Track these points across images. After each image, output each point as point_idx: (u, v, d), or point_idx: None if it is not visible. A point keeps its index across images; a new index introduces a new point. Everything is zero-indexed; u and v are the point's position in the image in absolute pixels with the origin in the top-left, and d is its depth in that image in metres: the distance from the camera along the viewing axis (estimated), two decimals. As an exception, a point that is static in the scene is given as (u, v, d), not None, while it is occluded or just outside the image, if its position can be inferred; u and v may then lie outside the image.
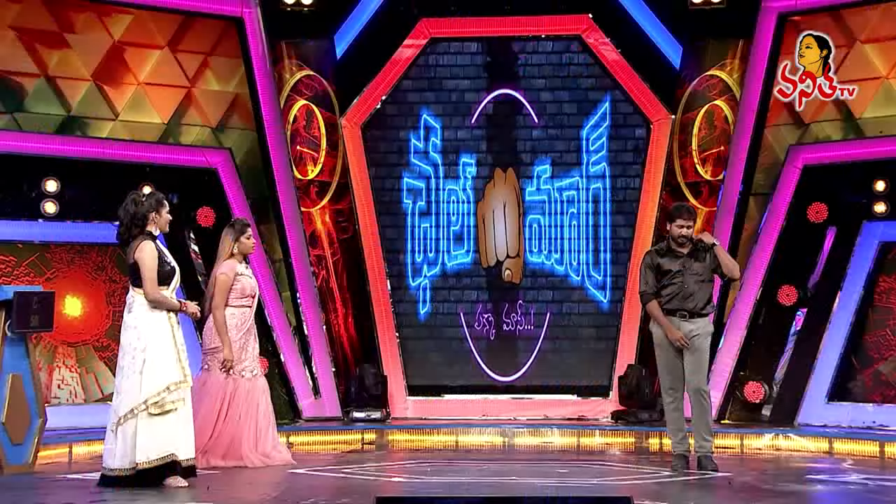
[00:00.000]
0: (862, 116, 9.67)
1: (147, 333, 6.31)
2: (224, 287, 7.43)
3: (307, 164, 10.59)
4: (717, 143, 10.36)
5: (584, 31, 10.46)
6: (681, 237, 7.27)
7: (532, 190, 10.60)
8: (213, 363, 7.47)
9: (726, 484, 6.73)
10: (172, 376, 6.32)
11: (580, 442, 9.38)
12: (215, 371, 7.45)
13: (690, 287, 7.25)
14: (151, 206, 6.45)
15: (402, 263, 10.62)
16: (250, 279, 7.58)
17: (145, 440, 6.22)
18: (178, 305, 6.42)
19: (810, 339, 9.67)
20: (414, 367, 10.52)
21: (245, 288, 7.51)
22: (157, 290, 6.34)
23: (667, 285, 7.29)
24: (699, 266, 7.28)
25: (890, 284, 9.55)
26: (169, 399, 6.28)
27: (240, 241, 7.54)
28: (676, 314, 7.26)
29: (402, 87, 10.62)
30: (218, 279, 7.47)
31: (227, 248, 7.54)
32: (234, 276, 7.46)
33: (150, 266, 6.31)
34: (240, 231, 7.56)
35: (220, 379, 7.42)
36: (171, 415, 6.30)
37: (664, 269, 7.30)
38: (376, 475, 7.13)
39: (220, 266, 7.54)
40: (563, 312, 10.52)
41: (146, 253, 6.34)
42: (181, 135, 10.07)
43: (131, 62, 9.80)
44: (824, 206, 9.74)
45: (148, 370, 6.27)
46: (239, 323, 7.50)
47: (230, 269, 7.47)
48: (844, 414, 9.34)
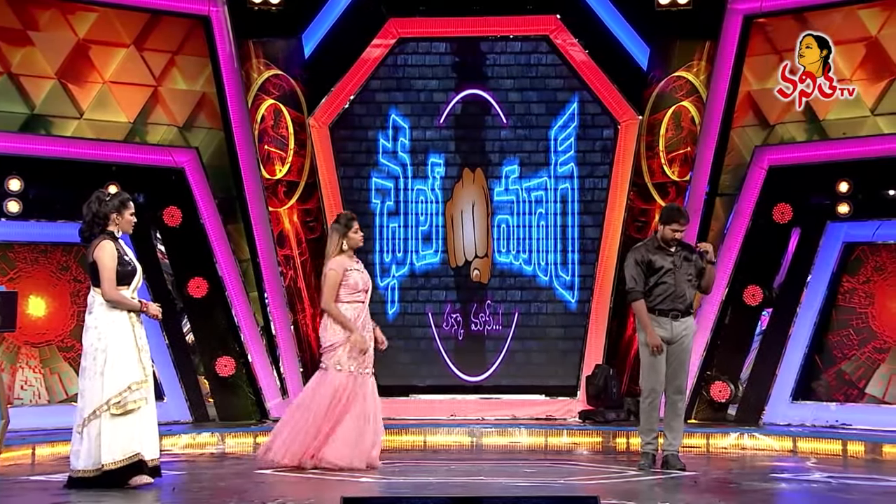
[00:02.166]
0: (826, 118, 9.77)
1: (107, 334, 6.26)
2: (333, 283, 7.25)
3: (275, 163, 10.54)
4: (683, 144, 10.43)
5: (553, 31, 10.49)
6: (673, 241, 7.21)
7: (500, 190, 10.62)
8: (330, 361, 7.28)
9: (692, 483, 6.77)
10: (133, 376, 6.26)
11: (548, 442, 9.41)
12: (332, 370, 7.27)
13: (682, 286, 7.20)
14: (114, 207, 6.39)
15: (370, 263, 10.59)
16: (361, 273, 7.40)
17: (110, 441, 6.17)
18: (137, 305, 6.36)
19: (775, 338, 9.76)
20: (382, 367, 10.40)
21: (357, 283, 7.34)
22: (116, 290, 6.29)
23: (658, 284, 7.19)
24: (688, 265, 7.24)
25: (853, 284, 9.66)
26: (130, 399, 6.23)
27: (347, 235, 7.36)
28: (669, 314, 7.18)
29: (370, 86, 10.61)
30: (327, 276, 7.29)
31: (335, 244, 7.36)
32: (344, 272, 7.30)
33: (108, 266, 6.26)
34: (346, 225, 7.37)
35: (340, 377, 7.23)
36: (134, 415, 6.24)
37: (656, 265, 7.18)
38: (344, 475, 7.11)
39: (328, 263, 7.35)
40: (531, 312, 10.55)
41: (105, 252, 6.29)
42: (147, 134, 10.00)
43: (96, 60, 9.72)
44: (789, 206, 9.84)
45: (109, 370, 6.22)
46: (353, 319, 7.33)
47: (339, 266, 7.30)
48: (808, 413, 9.44)
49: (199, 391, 9.91)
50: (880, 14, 9.51)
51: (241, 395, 10.02)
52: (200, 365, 10.05)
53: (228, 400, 9.97)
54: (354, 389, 7.26)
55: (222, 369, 9.88)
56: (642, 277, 7.22)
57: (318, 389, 7.25)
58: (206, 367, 10.01)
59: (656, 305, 7.20)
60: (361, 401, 7.27)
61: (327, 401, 7.18)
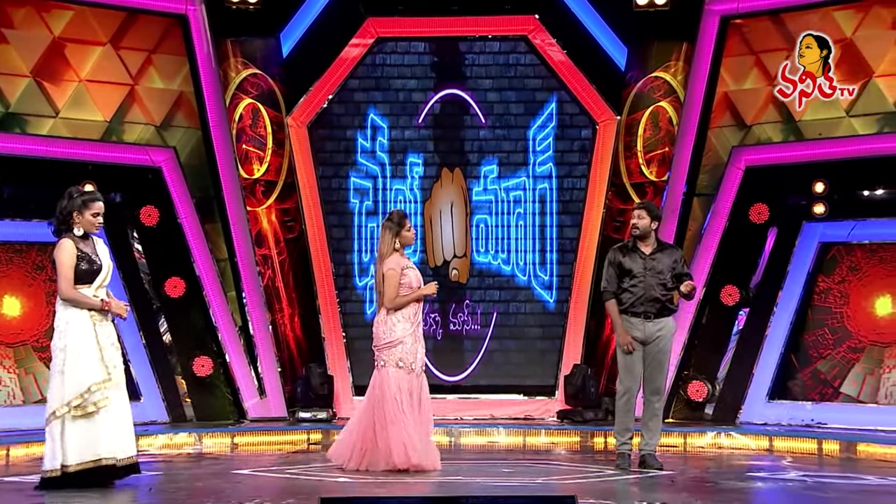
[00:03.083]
0: (802, 119, 9.84)
1: (66, 333, 6.21)
2: (395, 283, 7.17)
3: (253, 163, 10.51)
4: (661, 144, 10.47)
5: (531, 31, 10.51)
6: (633, 227, 7.28)
7: (479, 190, 10.63)
8: (390, 359, 7.19)
9: (669, 482, 6.80)
10: (94, 377, 6.18)
11: (526, 441, 9.42)
12: (392, 367, 7.18)
13: (652, 289, 7.23)
14: (76, 205, 6.35)
15: (348, 263, 10.59)
16: (416, 272, 7.35)
17: (73, 442, 6.11)
18: (98, 303, 6.28)
19: (752, 338, 9.82)
20: (360, 366, 10.48)
21: (412, 281, 7.26)
22: (73, 288, 6.23)
23: (629, 287, 7.24)
24: (661, 267, 7.27)
25: (828, 284, 9.73)
26: (91, 400, 6.15)
27: (400, 234, 7.28)
28: (641, 315, 7.23)
29: (348, 86, 10.59)
30: (387, 275, 7.20)
31: (388, 243, 7.27)
32: (402, 271, 7.25)
33: (64, 264, 6.22)
34: (399, 224, 7.28)
35: (400, 375, 7.14)
36: (97, 416, 6.17)
37: (625, 267, 7.26)
38: (321, 475, 7.09)
39: (386, 262, 7.26)
40: (509, 312, 10.56)
41: (62, 251, 6.25)
42: (124, 133, 9.95)
43: (72, 59, 9.66)
44: (766, 206, 9.89)
45: (69, 370, 6.16)
46: (411, 316, 7.24)
47: (397, 264, 7.22)
48: (784, 412, 9.50)
49: (176, 391, 9.86)
50: (855, 16, 9.58)
51: (219, 395, 9.99)
52: (178, 365, 10.01)
53: (206, 400, 9.93)
54: (421, 387, 7.22)
55: (200, 369, 9.84)
56: (615, 278, 7.30)
57: (385, 389, 7.13)
58: (183, 367, 9.97)
59: (628, 307, 7.27)
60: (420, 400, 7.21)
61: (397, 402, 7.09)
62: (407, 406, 7.11)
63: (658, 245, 7.34)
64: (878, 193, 9.71)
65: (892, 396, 9.27)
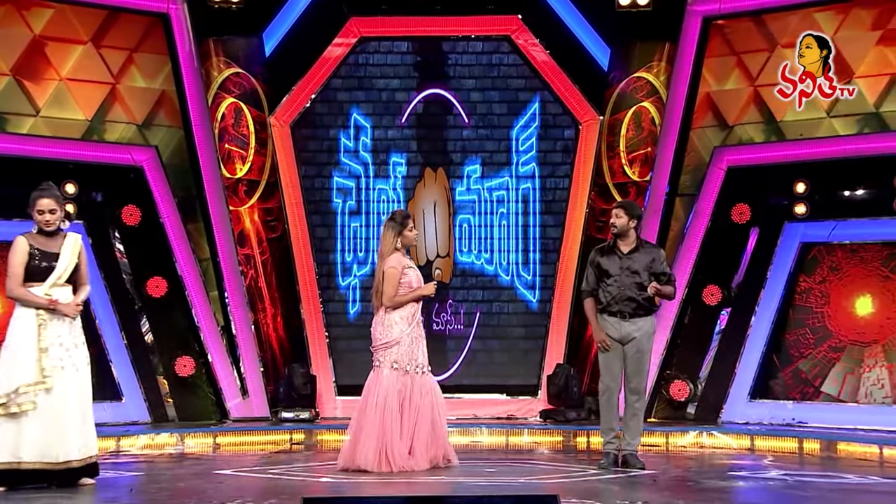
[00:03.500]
0: (783, 119, 9.88)
1: (11, 330, 6.14)
2: (395, 281, 7.16)
3: (235, 162, 10.48)
4: (644, 144, 10.50)
5: (514, 31, 10.52)
6: (611, 226, 7.34)
7: (462, 190, 10.63)
8: (385, 360, 7.19)
9: (651, 481, 6.82)
10: (25, 377, 6.06)
11: (509, 441, 9.43)
12: (387, 369, 7.17)
13: (627, 288, 7.26)
14: (29, 203, 6.35)
15: (331, 263, 10.58)
16: (416, 272, 7.34)
17: None
18: (45, 302, 6.19)
19: (734, 338, 9.86)
20: (343, 366, 10.48)
21: (412, 281, 7.26)
22: (18, 286, 6.17)
23: (605, 287, 7.31)
24: (637, 266, 7.30)
25: (809, 284, 9.78)
26: (17, 401, 6.01)
27: (402, 233, 7.27)
28: (617, 315, 7.28)
29: (331, 85, 10.57)
30: (387, 273, 7.19)
31: (389, 242, 7.26)
32: (402, 269, 7.24)
33: (11, 262, 6.19)
34: (401, 223, 7.27)
35: (394, 377, 7.13)
36: (25, 417, 6.01)
37: (603, 268, 7.33)
38: (304, 475, 7.09)
39: (386, 261, 7.25)
40: (492, 312, 10.57)
41: (12, 249, 6.23)
42: (105, 132, 9.90)
43: (53, 57, 9.60)
44: (747, 206, 9.94)
45: (2, 368, 6.07)
46: (409, 316, 7.23)
47: (398, 263, 7.22)
48: (766, 411, 9.55)
49: (157, 391, 9.82)
50: (835, 17, 9.64)
51: (201, 395, 9.95)
52: (159, 365, 9.96)
53: (188, 400, 9.90)
54: (412, 389, 7.20)
55: (182, 369, 9.80)
56: (594, 278, 7.38)
57: (379, 390, 7.13)
58: (165, 367, 9.92)
59: (606, 307, 7.33)
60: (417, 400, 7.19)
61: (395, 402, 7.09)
62: (394, 410, 7.10)
63: (637, 244, 7.37)
64: (858, 194, 9.76)
65: (872, 396, 9.33)
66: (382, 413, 7.07)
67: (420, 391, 7.22)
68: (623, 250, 7.34)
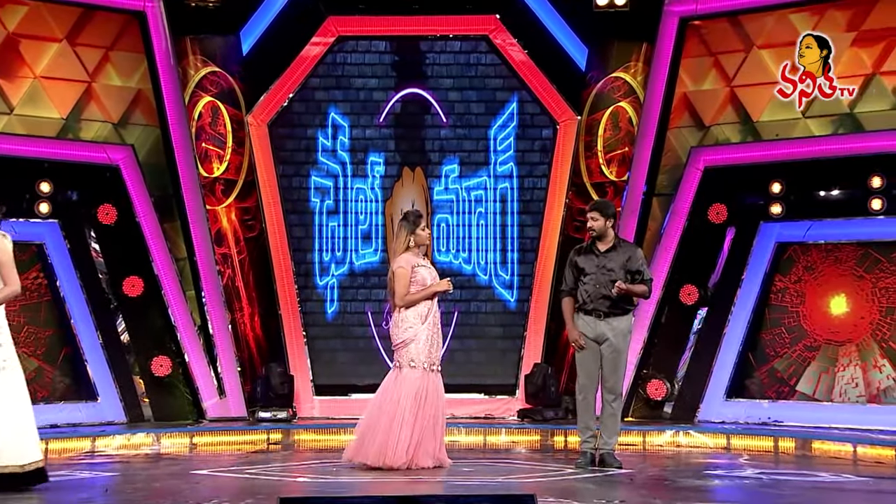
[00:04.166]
0: (759, 120, 9.94)
1: None
2: (405, 280, 7.20)
3: (213, 161, 10.44)
4: (621, 144, 10.54)
5: (492, 31, 10.53)
6: (589, 230, 7.38)
7: (440, 189, 10.63)
8: (403, 359, 7.20)
9: (628, 480, 6.85)
10: None
11: (486, 440, 9.44)
12: (406, 368, 7.19)
13: (603, 287, 7.29)
14: None
15: (309, 262, 10.56)
16: (430, 270, 7.35)
17: None
18: None
19: (710, 337, 9.91)
20: (321, 366, 10.46)
21: (425, 279, 7.27)
22: None
23: (582, 286, 7.35)
24: (613, 265, 7.33)
25: (785, 284, 9.84)
26: None
27: (415, 233, 7.30)
28: (592, 314, 7.32)
29: (309, 85, 10.55)
30: (396, 273, 7.25)
31: (402, 241, 7.31)
32: (412, 269, 7.25)
33: None
34: (414, 223, 7.30)
35: (413, 375, 7.15)
36: None
37: (580, 266, 7.38)
38: (281, 475, 7.07)
39: (396, 260, 7.30)
40: (470, 311, 10.57)
41: None
42: (81, 130, 9.84)
43: (27, 55, 9.53)
44: (724, 206, 9.99)
45: None
46: (424, 314, 7.25)
47: (407, 263, 7.25)
48: (741, 411, 9.60)
49: (133, 391, 9.77)
50: (810, 18, 9.70)
51: (178, 395, 9.91)
52: (136, 364, 9.90)
53: (164, 400, 9.85)
54: (428, 387, 7.21)
55: (158, 369, 9.76)
56: (572, 278, 7.42)
57: (399, 389, 7.15)
58: (141, 366, 9.87)
59: (582, 306, 7.37)
60: (433, 399, 7.22)
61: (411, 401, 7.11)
62: (407, 409, 7.12)
63: (615, 243, 7.40)
64: (833, 194, 9.83)
65: (846, 395, 9.40)
66: (394, 412, 7.09)
67: (436, 391, 7.27)
68: (600, 249, 7.37)
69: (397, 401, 7.13)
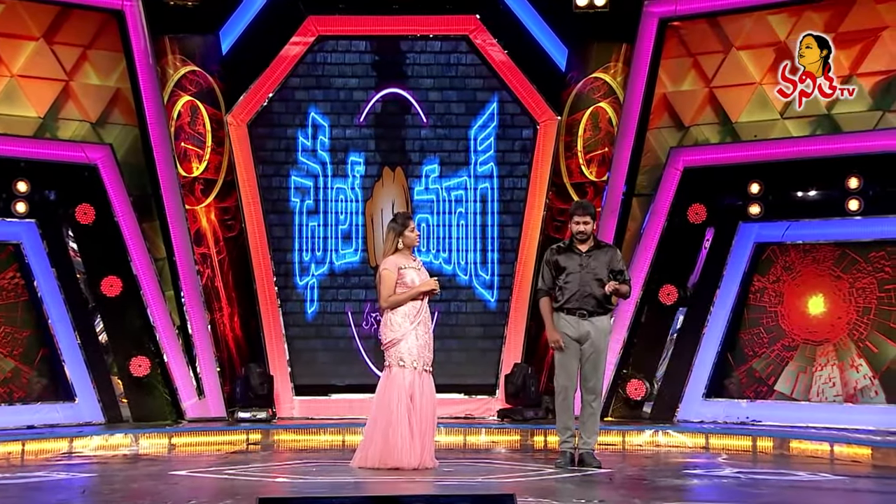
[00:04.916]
0: (738, 121, 9.99)
1: None
2: (389, 283, 7.23)
3: (192, 160, 10.40)
4: (601, 145, 10.57)
5: (472, 31, 10.54)
6: (579, 234, 7.37)
7: (420, 189, 10.63)
8: (392, 359, 7.20)
9: (608, 480, 6.87)
10: None
11: (466, 440, 9.45)
12: (395, 368, 7.19)
13: (588, 286, 7.31)
14: None
15: (289, 262, 10.53)
16: (418, 271, 7.36)
17: None
18: None
19: (689, 337, 9.95)
20: (301, 366, 10.44)
21: (413, 280, 7.29)
22: None
23: (564, 284, 7.33)
24: (597, 264, 7.34)
25: (763, 284, 9.89)
26: None
27: (403, 234, 7.33)
28: (576, 313, 7.32)
29: (289, 84, 10.52)
30: (381, 275, 7.28)
31: (390, 243, 7.34)
32: (398, 271, 7.26)
33: None
34: (402, 225, 7.33)
35: (402, 375, 7.14)
36: None
37: (560, 265, 7.36)
38: (260, 476, 7.05)
39: (383, 263, 7.33)
40: (450, 311, 10.57)
41: None
42: (59, 129, 9.78)
43: (3, 53, 9.47)
44: (703, 207, 10.03)
45: None
46: (411, 314, 7.26)
47: (392, 265, 7.27)
48: (720, 410, 9.64)
49: (112, 392, 9.71)
50: (788, 20, 9.76)
51: (157, 396, 9.86)
52: (114, 365, 9.84)
53: (143, 400, 9.80)
54: (423, 387, 7.21)
55: (137, 369, 9.71)
56: (550, 277, 7.40)
57: (390, 390, 7.16)
58: (119, 367, 9.81)
59: (563, 305, 7.35)
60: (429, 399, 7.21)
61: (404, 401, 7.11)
62: (401, 409, 7.11)
63: (595, 244, 7.42)
64: (811, 195, 9.89)
65: (824, 394, 9.46)
66: (388, 412, 7.10)
67: (429, 391, 7.26)
68: (582, 249, 7.38)
69: (388, 403, 7.15)
